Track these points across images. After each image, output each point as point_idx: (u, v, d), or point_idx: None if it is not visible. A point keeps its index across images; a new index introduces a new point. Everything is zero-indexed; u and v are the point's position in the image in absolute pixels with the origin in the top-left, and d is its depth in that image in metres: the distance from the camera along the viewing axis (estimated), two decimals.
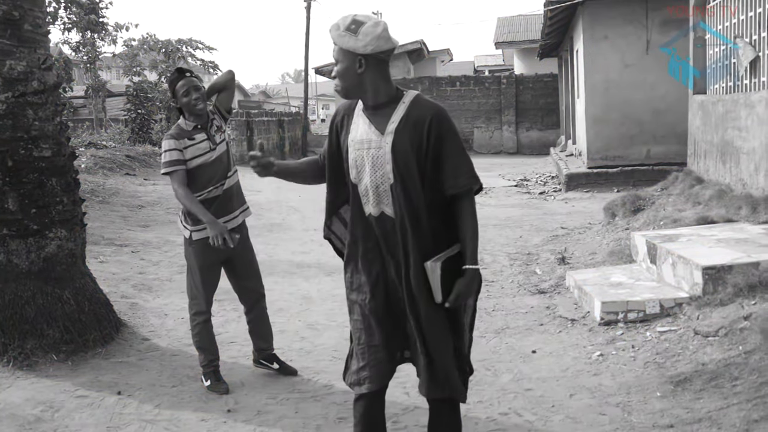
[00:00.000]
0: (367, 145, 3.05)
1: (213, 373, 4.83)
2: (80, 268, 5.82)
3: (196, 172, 4.66)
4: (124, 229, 10.39)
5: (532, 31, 30.69)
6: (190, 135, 4.68)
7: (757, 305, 5.01)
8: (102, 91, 25.29)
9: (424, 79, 29.10)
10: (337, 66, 3.03)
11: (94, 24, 24.18)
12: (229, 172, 4.80)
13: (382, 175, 3.03)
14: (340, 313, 6.55)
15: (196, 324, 4.83)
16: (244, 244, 4.90)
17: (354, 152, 3.08)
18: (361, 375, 3.14)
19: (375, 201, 3.06)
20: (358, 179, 3.09)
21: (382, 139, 3.03)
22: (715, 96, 9.48)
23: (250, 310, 5.03)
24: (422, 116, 3.02)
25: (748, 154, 7.76)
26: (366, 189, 3.07)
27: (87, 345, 5.49)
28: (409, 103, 3.07)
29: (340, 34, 2.96)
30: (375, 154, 3.03)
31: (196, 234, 4.69)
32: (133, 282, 7.57)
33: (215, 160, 4.71)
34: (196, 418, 4.40)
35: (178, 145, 4.62)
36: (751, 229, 6.77)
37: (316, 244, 9.80)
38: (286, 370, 5.04)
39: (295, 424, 4.30)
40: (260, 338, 5.06)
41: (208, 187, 4.68)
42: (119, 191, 13.43)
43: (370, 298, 3.11)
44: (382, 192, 3.04)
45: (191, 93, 4.65)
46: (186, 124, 4.72)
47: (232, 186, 4.82)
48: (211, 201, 4.68)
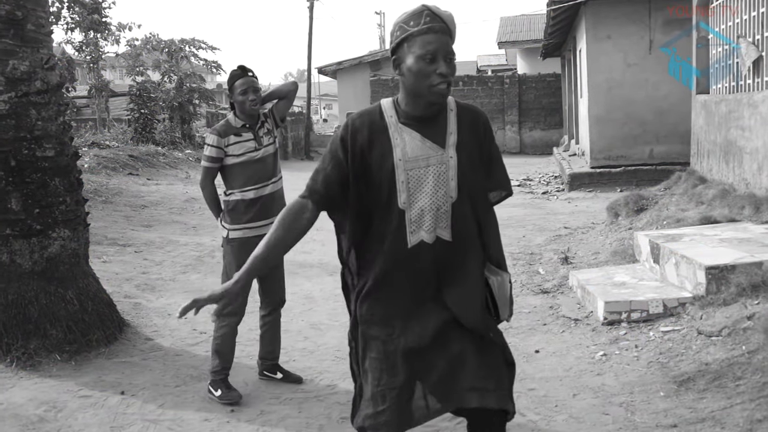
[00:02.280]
0: (425, 163, 2.61)
1: (222, 382, 4.70)
2: (83, 268, 5.83)
3: (237, 169, 4.67)
4: (128, 229, 10.40)
5: (535, 31, 30.69)
6: (237, 132, 4.70)
7: (760, 305, 5.00)
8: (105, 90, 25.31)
9: None
10: (452, 59, 2.57)
11: (97, 24, 24.19)
12: (273, 177, 4.79)
13: (445, 193, 2.61)
14: (343, 313, 6.56)
15: (225, 326, 4.69)
16: None
17: (406, 173, 2.60)
18: (379, 419, 2.65)
19: (431, 225, 2.61)
20: (408, 203, 2.61)
21: (443, 153, 2.62)
22: (718, 96, 9.47)
23: (269, 313, 4.97)
24: (474, 120, 2.71)
25: (751, 153, 7.75)
26: (421, 213, 2.61)
27: (90, 345, 5.49)
28: (456, 108, 2.70)
29: (455, 23, 2.59)
30: (437, 171, 2.61)
31: (234, 233, 4.68)
32: (136, 282, 7.58)
33: (259, 160, 4.70)
34: (199, 418, 4.41)
35: (220, 143, 4.65)
36: (754, 228, 6.76)
37: (318, 244, 9.79)
38: (290, 378, 4.98)
39: (298, 423, 4.30)
40: (268, 346, 4.99)
41: (247, 186, 4.67)
42: (122, 191, 13.45)
43: (399, 334, 2.66)
44: (442, 214, 2.61)
45: (249, 93, 4.65)
46: (235, 120, 4.73)
47: (275, 192, 4.81)
48: (250, 202, 4.67)
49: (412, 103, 2.62)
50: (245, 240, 4.64)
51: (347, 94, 31.38)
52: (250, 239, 4.64)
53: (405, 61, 2.56)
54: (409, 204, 2.61)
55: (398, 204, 2.61)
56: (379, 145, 2.62)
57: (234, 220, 4.68)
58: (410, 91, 2.59)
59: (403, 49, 2.57)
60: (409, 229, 2.61)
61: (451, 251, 2.63)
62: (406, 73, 2.56)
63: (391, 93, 28.81)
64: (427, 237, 2.61)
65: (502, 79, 28.57)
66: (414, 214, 2.61)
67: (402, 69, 2.58)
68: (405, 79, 2.58)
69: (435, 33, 2.52)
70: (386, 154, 2.61)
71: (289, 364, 5.24)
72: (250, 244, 4.62)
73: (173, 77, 24.09)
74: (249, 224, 4.67)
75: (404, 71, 2.57)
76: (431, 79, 2.52)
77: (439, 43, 2.52)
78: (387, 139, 2.62)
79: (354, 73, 31.19)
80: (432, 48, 2.51)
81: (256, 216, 4.68)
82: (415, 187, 2.61)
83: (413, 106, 2.62)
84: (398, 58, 2.60)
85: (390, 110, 2.67)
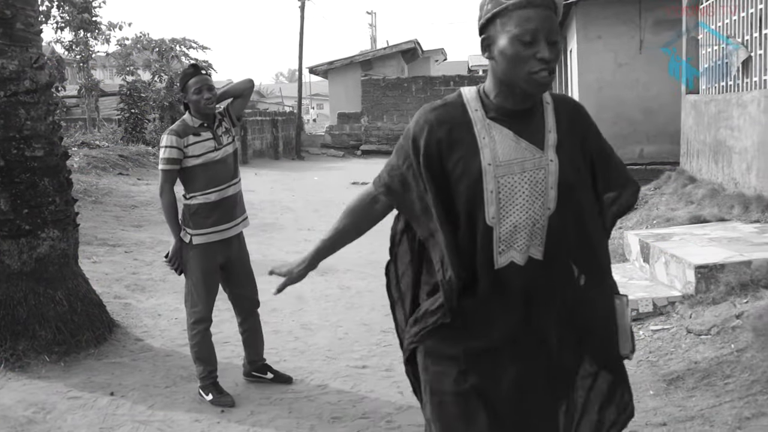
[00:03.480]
0: (520, 168, 2.11)
1: (213, 386, 4.66)
2: (73, 269, 5.80)
3: (199, 171, 4.53)
4: (117, 229, 10.36)
5: None
6: (195, 131, 4.55)
7: (749, 304, 5.03)
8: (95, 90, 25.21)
9: (418, 79, 29.15)
10: (556, 41, 2.06)
11: (87, 23, 24.10)
12: (234, 178, 4.67)
13: (542, 205, 2.12)
14: (333, 313, 6.56)
15: (196, 333, 4.65)
16: (241, 251, 4.82)
17: (496, 180, 2.10)
18: None
19: (524, 244, 2.12)
20: (498, 218, 2.11)
21: (542, 156, 2.13)
22: (707, 96, 9.50)
23: (245, 319, 4.90)
24: (574, 114, 2.25)
25: (740, 153, 7.78)
26: (513, 230, 2.11)
27: (80, 346, 5.47)
28: (552, 101, 2.22)
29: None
30: (533, 179, 2.11)
31: (197, 238, 4.56)
32: (126, 282, 7.56)
33: (219, 161, 4.57)
34: (189, 419, 4.39)
35: (178, 143, 4.49)
36: (743, 228, 6.79)
37: (309, 244, 9.75)
38: (280, 378, 4.93)
39: (289, 424, 4.29)
40: (253, 349, 4.94)
41: (209, 188, 4.54)
42: (112, 191, 13.40)
43: (481, 377, 2.16)
44: (537, 230, 2.13)
45: (203, 92, 4.51)
46: (192, 120, 4.58)
47: (236, 193, 4.70)
48: (213, 205, 4.55)
49: (503, 94, 2.13)
50: (208, 245, 4.56)
51: (338, 94, 31.39)
52: (213, 244, 4.59)
53: (497, 42, 2.07)
54: (498, 219, 2.11)
55: (485, 219, 2.11)
56: (462, 146, 2.12)
57: (197, 225, 4.55)
58: (502, 79, 2.10)
59: (495, 27, 2.07)
60: (497, 248, 2.12)
61: (546, 272, 2.15)
62: (498, 57, 2.07)
63: (383, 93, 29.01)
64: (519, 257, 2.13)
65: None
66: (504, 232, 2.11)
67: (492, 52, 2.09)
68: (496, 64, 2.09)
69: (536, 7, 2.03)
70: (471, 158, 2.11)
71: (280, 364, 5.23)
72: (214, 248, 4.58)
73: (164, 77, 24.05)
74: (213, 228, 4.56)
75: (495, 55, 2.08)
76: (530, 65, 2.03)
77: (540, 20, 2.02)
78: (472, 139, 2.12)
79: (345, 73, 31.20)
80: (532, 27, 2.01)
81: (220, 219, 4.58)
82: (507, 199, 2.11)
83: (505, 98, 2.13)
84: (488, 38, 2.10)
85: (474, 102, 2.17)
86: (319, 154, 28.71)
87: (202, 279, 4.59)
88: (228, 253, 4.69)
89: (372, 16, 51.20)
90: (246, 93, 4.84)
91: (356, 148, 28.95)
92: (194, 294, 4.63)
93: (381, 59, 31.85)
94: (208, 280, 4.62)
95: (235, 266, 4.77)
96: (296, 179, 18.95)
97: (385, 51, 32.94)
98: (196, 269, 4.59)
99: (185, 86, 4.57)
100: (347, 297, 7.11)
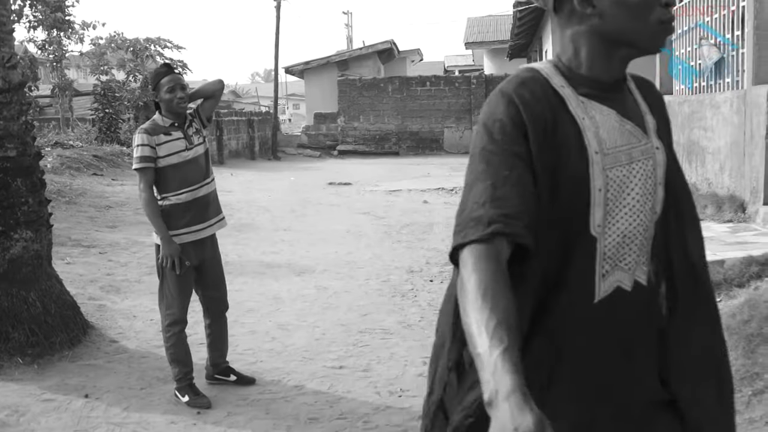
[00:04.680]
0: (627, 157, 1.59)
1: (189, 387, 4.62)
2: (46, 270, 5.75)
3: (170, 171, 4.50)
4: (92, 230, 10.27)
5: (501, 32, 30.88)
6: (166, 131, 4.52)
7: (722, 302, 5.08)
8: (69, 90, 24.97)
9: (395, 79, 29.16)
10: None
11: (60, 22, 23.86)
12: (206, 178, 4.65)
13: (651, 207, 1.61)
14: (311, 314, 6.54)
15: (172, 335, 4.62)
16: (214, 252, 4.80)
17: (604, 174, 1.56)
18: None
19: (632, 263, 1.59)
20: (604, 225, 1.56)
21: (648, 141, 1.64)
22: (681, 96, 9.59)
23: (214, 321, 4.87)
24: (657, 95, 1.78)
25: (714, 153, 7.86)
26: (621, 242, 1.57)
27: (53, 348, 5.42)
28: (632, 78, 1.74)
29: None
30: (644, 171, 1.61)
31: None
32: (100, 283, 7.49)
33: (191, 161, 4.56)
34: (165, 421, 4.36)
35: (151, 141, 4.46)
36: (716, 227, 6.86)
37: (286, 244, 9.77)
38: (243, 380, 4.90)
39: (266, 425, 4.28)
40: (218, 352, 4.92)
41: (181, 188, 4.51)
42: (86, 192, 13.28)
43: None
44: (646, 241, 1.60)
45: (176, 91, 4.49)
46: (163, 120, 4.56)
47: (209, 194, 4.68)
48: (186, 206, 4.53)
49: (602, 62, 1.61)
50: (182, 246, 4.53)
51: (315, 94, 31.34)
52: (186, 245, 4.56)
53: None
54: (605, 226, 1.55)
55: (590, 227, 1.55)
56: (561, 129, 1.56)
57: (170, 226, 4.50)
58: (617, 36, 1.58)
59: None
60: (600, 269, 1.56)
61: (648, 305, 1.61)
62: (611, 7, 1.56)
63: (359, 93, 28.99)
64: (627, 280, 1.58)
65: (469, 79, 28.71)
66: (610, 245, 1.56)
67: (597, 4, 1.57)
68: (604, 18, 1.57)
69: None
70: (572, 144, 1.56)
71: (257, 365, 5.22)
72: (187, 249, 4.56)
73: (138, 76, 23.86)
74: (186, 228, 4.54)
75: (605, 6, 1.56)
76: (657, 12, 1.56)
77: None
78: (570, 121, 1.57)
79: (321, 73, 31.15)
80: None
81: (193, 219, 4.56)
82: (615, 198, 1.57)
83: (603, 67, 1.62)
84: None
85: (555, 76, 1.62)
86: (296, 154, 28.63)
87: (176, 280, 4.57)
88: (202, 255, 4.68)
89: (348, 16, 51.18)
90: (216, 94, 4.84)
91: (333, 149, 28.91)
92: (168, 295, 4.61)
93: (357, 59, 31.85)
94: (181, 281, 4.59)
95: (208, 268, 4.75)
96: (273, 179, 18.88)
97: (362, 51, 32.93)
98: (170, 270, 4.57)
99: (157, 85, 4.55)
100: (324, 297, 7.10)
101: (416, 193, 15.43)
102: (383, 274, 8.00)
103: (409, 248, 9.42)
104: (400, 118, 28.54)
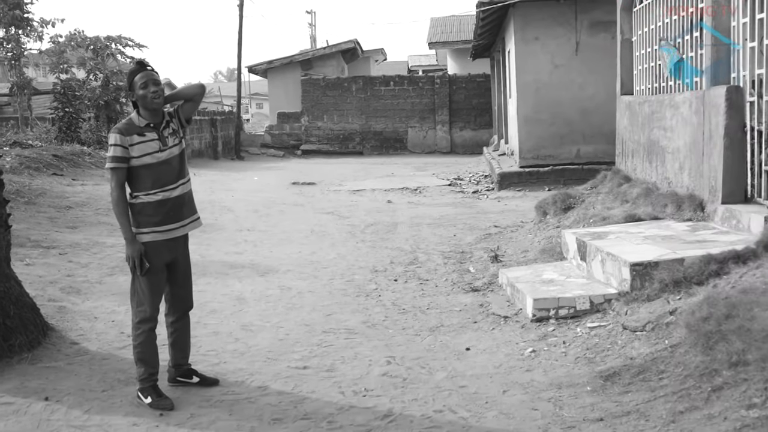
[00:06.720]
0: None
1: (152, 389, 4.59)
2: (4, 271, 5.65)
3: (142, 171, 4.52)
4: (52, 231, 10.12)
5: (465, 32, 31.00)
6: (140, 131, 4.53)
7: (682, 300, 5.16)
8: (27, 88, 24.55)
9: (359, 79, 29.14)
10: None
11: (18, 20, 23.44)
12: (181, 178, 4.66)
13: None
14: (274, 314, 6.52)
15: (141, 333, 4.60)
16: (186, 251, 4.82)
17: None
18: None
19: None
20: None
21: None
22: (641, 97, 9.72)
23: (178, 319, 4.87)
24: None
25: (673, 153, 7.98)
26: None
27: (12, 350, 5.33)
28: None
29: None
30: None
31: (142, 236, 4.54)
32: (61, 285, 7.39)
33: (165, 162, 4.56)
34: (127, 423, 4.32)
35: (123, 142, 4.46)
36: (676, 226, 6.96)
37: (250, 245, 9.72)
38: (206, 382, 4.88)
39: (229, 426, 4.25)
40: (181, 352, 4.90)
41: (154, 188, 4.53)
42: (46, 192, 13.08)
43: None
44: None
45: (149, 86, 4.49)
46: (138, 119, 4.56)
47: (185, 194, 4.70)
48: (160, 204, 4.55)
49: None
50: (154, 244, 4.54)
51: (278, 94, 31.19)
52: (158, 243, 4.57)
53: None
54: None
55: None
56: None
57: (142, 223, 4.54)
58: None
59: None
60: None
61: None
62: None
63: (323, 93, 28.95)
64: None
65: (433, 79, 28.79)
66: None
67: None
68: None
69: None
70: None
71: (220, 365, 5.18)
72: (159, 248, 4.58)
73: (99, 75, 23.53)
74: (158, 227, 4.55)
75: None
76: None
77: None
78: None
79: (285, 73, 31.02)
80: None
81: (165, 218, 4.57)
82: None
83: None
84: None
85: None
86: (259, 154, 28.49)
87: (148, 277, 4.58)
88: (175, 253, 4.70)
89: (312, 16, 51.00)
90: (196, 98, 4.85)
91: (296, 148, 28.81)
92: (140, 292, 4.61)
93: (321, 59, 31.76)
94: (153, 278, 4.60)
95: (178, 266, 4.77)
96: (236, 179, 18.77)
97: (325, 51, 32.85)
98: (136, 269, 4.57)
99: (132, 83, 4.55)
100: (288, 297, 7.07)
101: (380, 193, 15.45)
102: (347, 274, 8.00)
103: (373, 248, 9.43)
104: (364, 118, 28.54)
